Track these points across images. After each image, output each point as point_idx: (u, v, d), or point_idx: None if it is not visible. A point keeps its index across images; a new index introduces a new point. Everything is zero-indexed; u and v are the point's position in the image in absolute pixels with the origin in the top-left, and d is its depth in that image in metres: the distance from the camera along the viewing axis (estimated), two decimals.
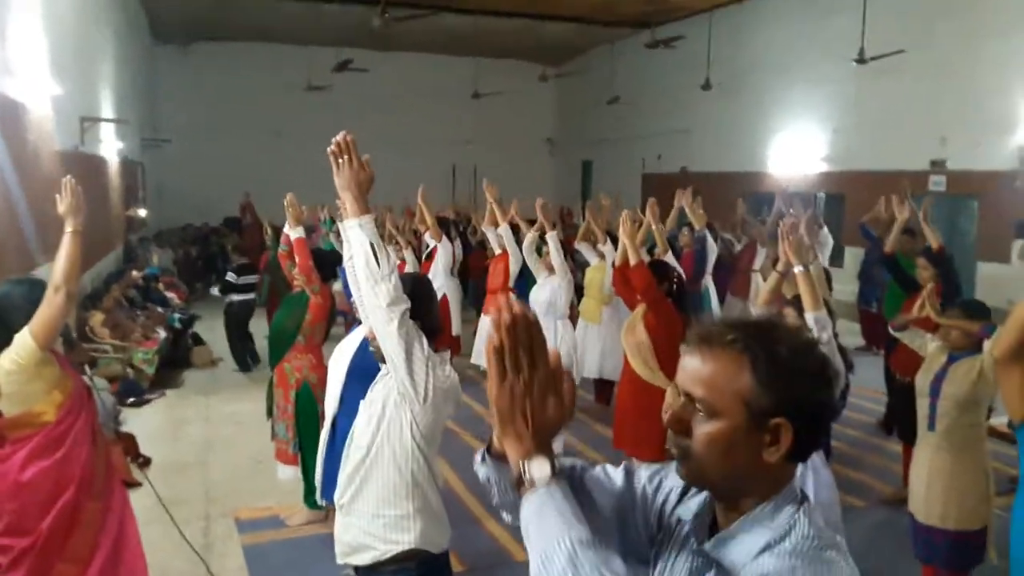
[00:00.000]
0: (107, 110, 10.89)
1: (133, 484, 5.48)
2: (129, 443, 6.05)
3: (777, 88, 14.27)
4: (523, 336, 1.17)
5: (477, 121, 21.45)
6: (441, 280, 8.26)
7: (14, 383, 2.92)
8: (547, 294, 6.26)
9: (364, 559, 2.68)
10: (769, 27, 14.39)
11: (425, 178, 20.44)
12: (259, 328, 9.13)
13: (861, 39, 11.36)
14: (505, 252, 7.24)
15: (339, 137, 2.35)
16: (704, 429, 1.23)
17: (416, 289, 2.62)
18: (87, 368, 3.48)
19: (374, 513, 2.62)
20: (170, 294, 11.63)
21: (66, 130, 8.00)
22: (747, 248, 9.23)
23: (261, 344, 9.27)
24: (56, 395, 3.06)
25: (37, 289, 3.10)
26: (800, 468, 2.99)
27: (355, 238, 2.41)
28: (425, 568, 2.64)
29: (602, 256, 7.24)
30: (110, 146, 11.02)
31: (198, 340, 9.87)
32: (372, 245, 2.38)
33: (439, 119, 20.92)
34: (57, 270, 2.94)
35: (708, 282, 7.86)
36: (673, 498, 1.45)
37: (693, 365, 1.25)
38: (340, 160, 2.35)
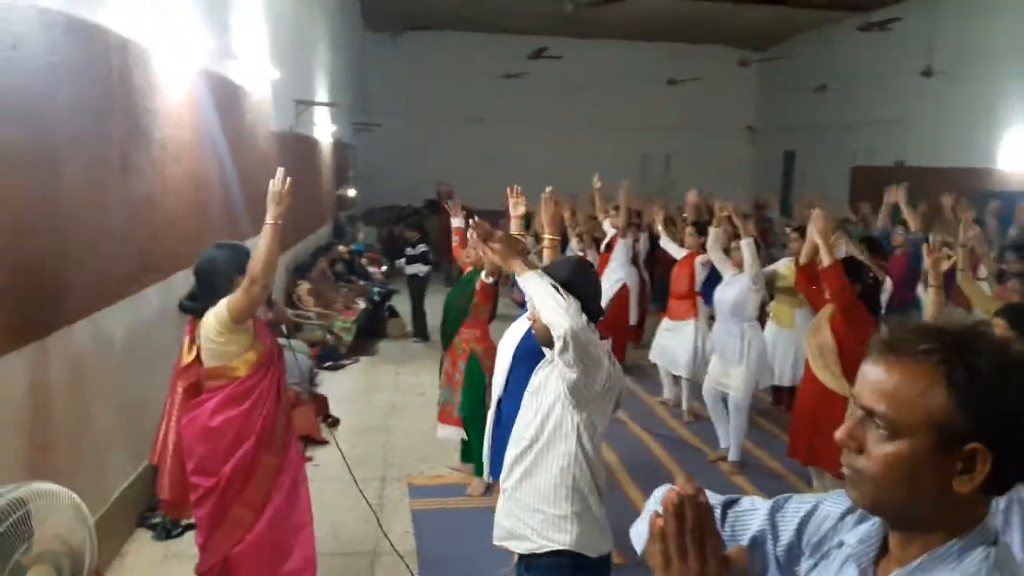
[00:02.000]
0: (321, 94, 11.70)
1: (320, 441, 5.95)
2: (321, 404, 6.52)
3: (1012, 75, 12.76)
4: (692, 520, 1.00)
5: (673, 108, 20.97)
6: (621, 271, 8.18)
7: (213, 341, 3.22)
8: (734, 294, 5.67)
9: (519, 547, 2.76)
10: (1005, 7, 12.88)
11: (616, 166, 20.63)
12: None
13: None
14: (690, 254, 6.85)
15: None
16: (883, 450, 1.09)
17: (575, 273, 2.62)
18: (283, 329, 3.75)
19: (534, 507, 2.66)
20: (372, 269, 12.43)
21: (281, 112, 8.68)
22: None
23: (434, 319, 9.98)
24: (250, 355, 3.32)
25: (240, 253, 3.39)
26: (1002, 504, 2.70)
27: (534, 287, 2.52)
28: (580, 570, 2.64)
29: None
30: (323, 128, 11.85)
31: (393, 313, 10.50)
32: (553, 287, 2.48)
33: (633, 106, 20.68)
34: (255, 262, 3.14)
35: (922, 289, 7.19)
36: (830, 522, 1.31)
37: (876, 376, 1.11)
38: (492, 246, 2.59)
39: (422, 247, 9.92)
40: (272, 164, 7.98)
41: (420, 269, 9.80)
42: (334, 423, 6.40)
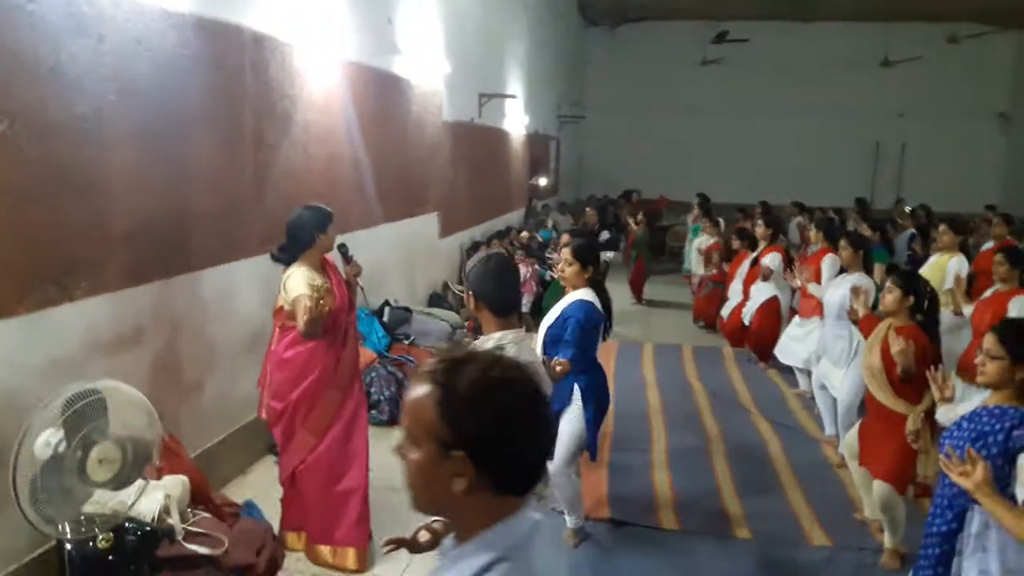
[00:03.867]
0: (514, 88, 12.33)
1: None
2: None
3: None
4: None
5: (910, 92, 19.27)
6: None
7: (288, 292, 3.80)
8: (840, 295, 5.46)
9: None
10: None
11: (844, 154, 19.40)
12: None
13: None
14: (819, 252, 6.70)
15: None
16: (410, 457, 1.28)
17: (486, 266, 2.82)
18: (359, 282, 4.27)
19: None
20: (555, 255, 12.94)
21: (461, 104, 9.37)
22: None
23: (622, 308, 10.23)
24: (327, 301, 3.89)
25: (321, 213, 3.95)
26: (977, 523, 2.64)
27: None
28: None
29: None
30: (514, 120, 12.50)
31: None
32: None
33: (863, 89, 19.25)
34: (299, 322, 3.68)
35: None
36: None
37: (409, 395, 1.30)
38: None
39: (606, 234, 10.27)
40: (444, 151, 8.79)
41: (604, 255, 10.13)
42: None
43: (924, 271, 6.64)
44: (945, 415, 3.28)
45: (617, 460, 5.51)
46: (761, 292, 7.71)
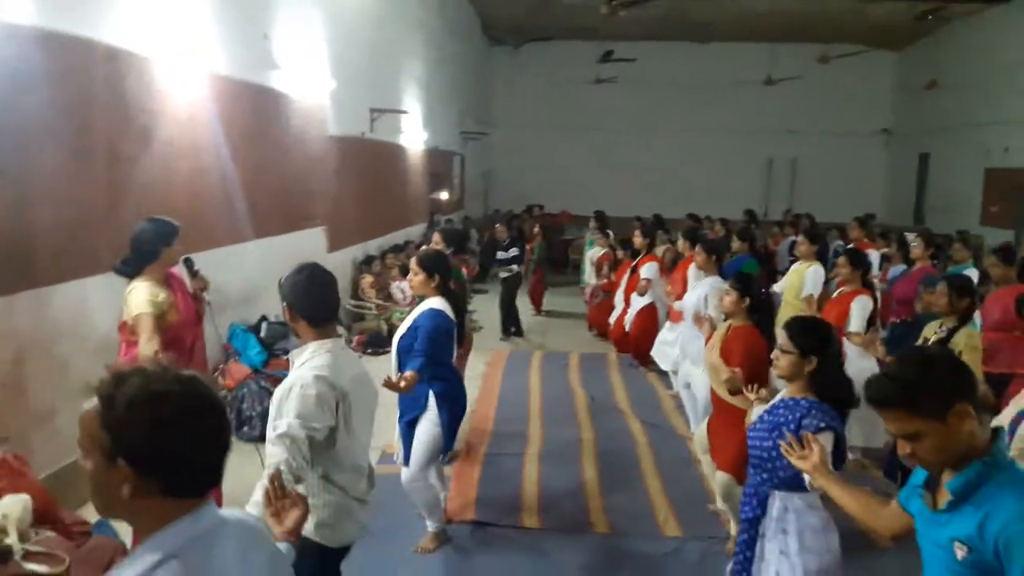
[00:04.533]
0: (409, 104, 12.43)
1: None
2: None
3: None
4: None
5: (801, 110, 20.22)
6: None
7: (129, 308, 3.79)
8: (695, 298, 5.82)
9: None
10: None
11: (740, 170, 20.19)
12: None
13: None
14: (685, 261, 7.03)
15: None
16: (85, 466, 1.37)
17: (298, 276, 2.86)
18: (206, 296, 4.27)
19: None
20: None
21: (349, 119, 9.41)
22: None
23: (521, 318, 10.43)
24: (170, 316, 3.88)
25: (166, 227, 3.95)
26: (777, 508, 2.83)
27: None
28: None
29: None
30: (412, 136, 12.60)
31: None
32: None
33: (756, 108, 20.11)
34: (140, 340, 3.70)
35: None
36: None
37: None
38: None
39: (514, 250, 10.43)
40: (330, 165, 8.81)
41: (509, 270, 10.27)
42: None
43: (785, 278, 7.05)
44: (755, 412, 3.50)
45: (491, 463, 5.62)
46: (640, 299, 7.98)
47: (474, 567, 4.25)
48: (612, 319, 9.00)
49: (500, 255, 10.66)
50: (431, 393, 4.23)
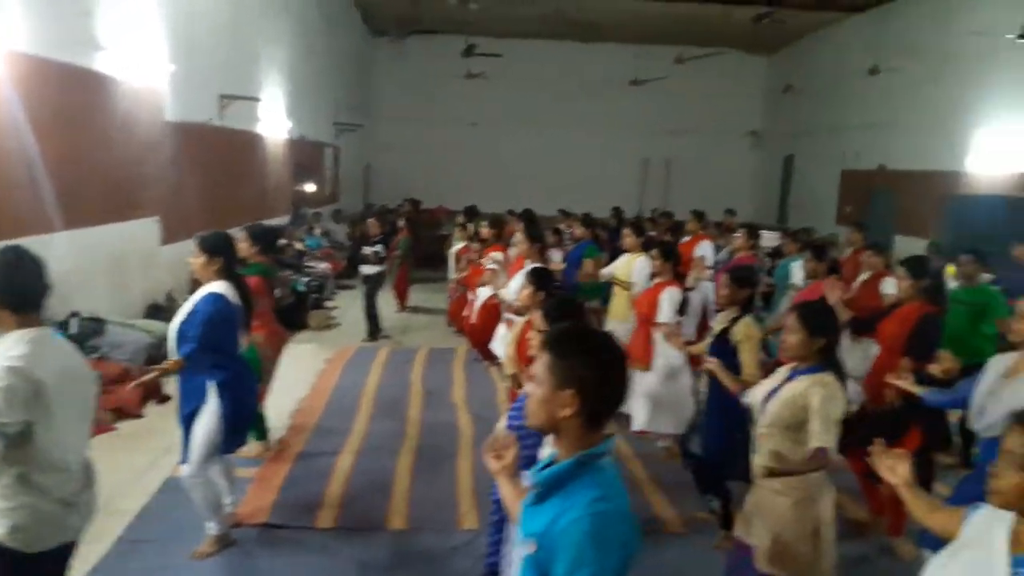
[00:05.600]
0: (273, 92, 12.07)
1: (135, 416, 6.25)
2: (152, 382, 6.76)
3: (978, 77, 12.25)
4: None
5: (678, 112, 20.81)
6: None
7: None
8: (516, 289, 5.85)
9: None
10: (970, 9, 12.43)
11: (617, 169, 20.60)
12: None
13: None
14: None
15: None
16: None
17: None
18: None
19: None
20: (323, 264, 12.75)
21: (193, 104, 9.03)
22: None
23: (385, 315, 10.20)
24: None
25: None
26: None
27: None
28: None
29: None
30: (273, 124, 12.23)
31: (318, 305, 10.86)
32: None
33: (635, 108, 20.58)
34: None
35: None
36: None
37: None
38: None
39: (378, 247, 10.10)
40: (166, 152, 8.43)
41: (370, 269, 9.92)
42: (163, 400, 6.63)
43: (614, 267, 7.19)
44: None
45: (302, 462, 5.48)
46: (485, 291, 7.96)
47: (252, 571, 4.11)
48: (470, 312, 8.96)
49: (365, 250, 10.36)
50: (209, 383, 4.05)
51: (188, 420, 4.07)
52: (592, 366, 1.77)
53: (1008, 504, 1.84)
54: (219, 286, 4.08)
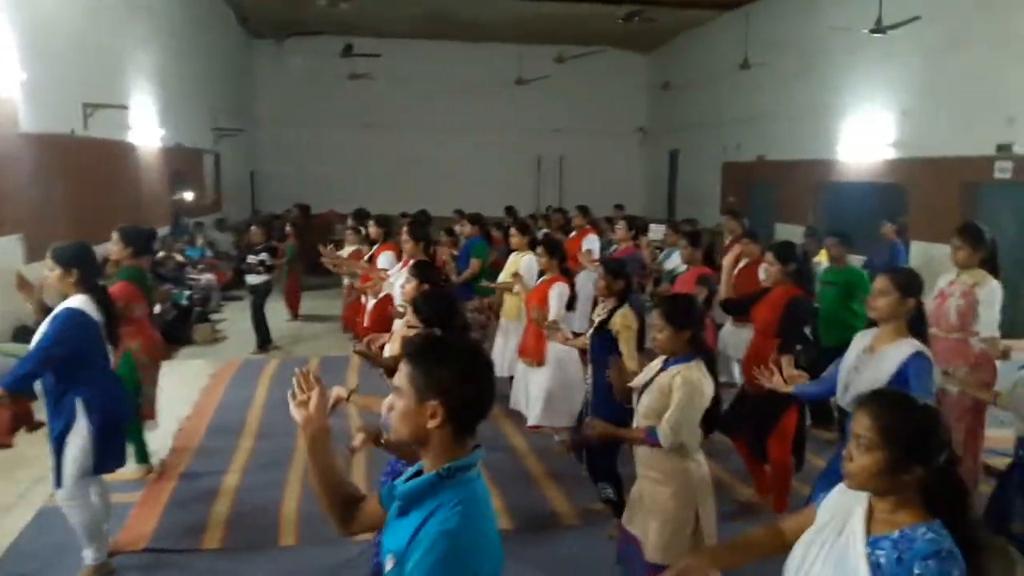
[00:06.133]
0: (142, 99, 11.52)
1: (5, 445, 5.82)
2: (22, 408, 6.33)
3: (843, 67, 12.96)
4: None
5: (567, 110, 21.08)
6: None
7: None
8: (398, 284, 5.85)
9: None
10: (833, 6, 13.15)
11: (513, 167, 20.70)
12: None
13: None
14: None
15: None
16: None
17: None
18: None
19: None
20: (207, 275, 12.25)
21: (52, 115, 8.51)
22: None
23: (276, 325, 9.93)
24: None
25: None
26: None
27: None
28: None
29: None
30: (145, 132, 11.68)
31: (203, 319, 10.44)
32: None
33: (526, 108, 20.71)
34: None
35: None
36: None
37: None
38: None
39: (263, 255, 9.74)
40: (25, 167, 7.92)
41: (255, 278, 9.58)
42: (35, 427, 6.22)
43: (508, 265, 7.22)
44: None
45: (185, 483, 5.25)
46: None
47: None
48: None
49: (250, 259, 10.01)
50: (78, 401, 3.82)
51: (58, 441, 3.86)
52: (456, 375, 1.72)
53: (862, 486, 1.87)
54: (77, 300, 3.88)
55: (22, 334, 7.65)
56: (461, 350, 1.80)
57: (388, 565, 1.68)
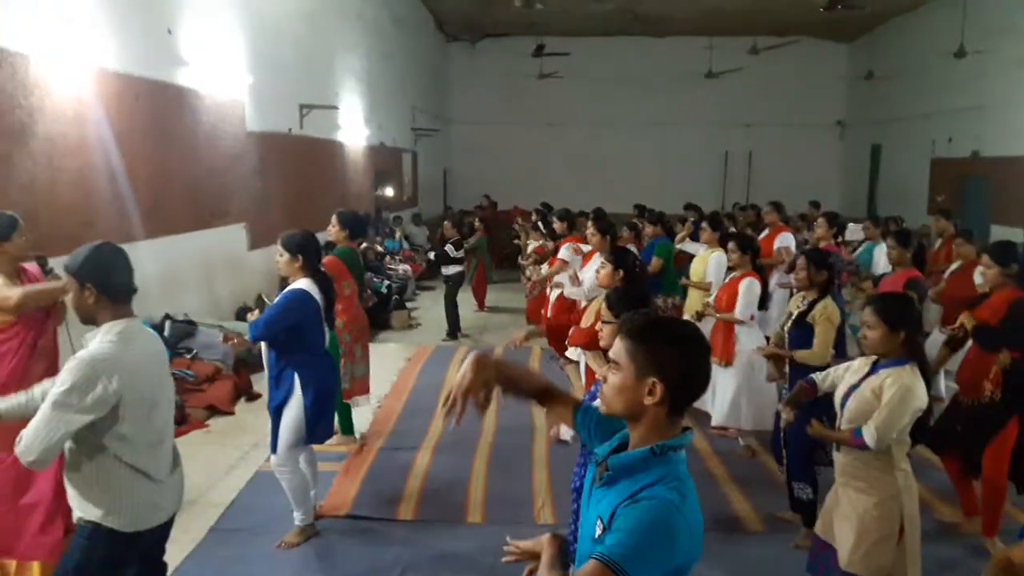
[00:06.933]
0: (351, 100, 12.38)
1: (228, 413, 6.51)
2: (243, 380, 7.04)
3: None
4: None
5: (758, 104, 20.32)
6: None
7: None
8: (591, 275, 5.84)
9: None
10: None
11: (698, 163, 20.26)
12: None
13: None
14: None
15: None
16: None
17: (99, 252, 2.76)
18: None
19: None
20: (404, 266, 13.04)
21: (274, 115, 9.36)
22: None
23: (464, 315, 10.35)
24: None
25: (2, 220, 3.85)
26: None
27: None
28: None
29: None
30: (353, 132, 12.55)
31: (400, 305, 11.12)
32: None
33: (714, 101, 20.19)
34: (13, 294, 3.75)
35: None
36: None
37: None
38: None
39: (450, 247, 10.31)
40: (250, 162, 8.76)
41: (449, 269, 10.17)
42: (254, 398, 6.89)
43: (694, 263, 7.12)
44: None
45: (382, 458, 5.61)
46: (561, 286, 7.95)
47: (335, 559, 4.23)
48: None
49: (447, 249, 10.53)
50: (295, 376, 4.22)
51: (277, 412, 4.25)
52: (678, 354, 1.74)
53: None
54: (303, 283, 4.26)
55: (244, 314, 8.50)
56: (684, 331, 1.82)
57: (597, 531, 1.73)
